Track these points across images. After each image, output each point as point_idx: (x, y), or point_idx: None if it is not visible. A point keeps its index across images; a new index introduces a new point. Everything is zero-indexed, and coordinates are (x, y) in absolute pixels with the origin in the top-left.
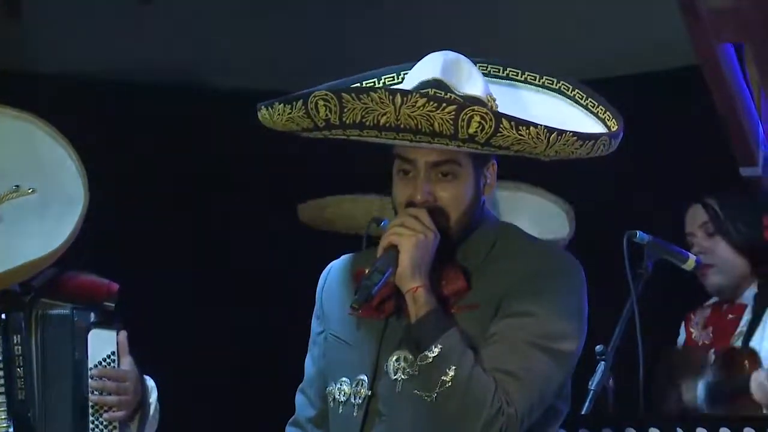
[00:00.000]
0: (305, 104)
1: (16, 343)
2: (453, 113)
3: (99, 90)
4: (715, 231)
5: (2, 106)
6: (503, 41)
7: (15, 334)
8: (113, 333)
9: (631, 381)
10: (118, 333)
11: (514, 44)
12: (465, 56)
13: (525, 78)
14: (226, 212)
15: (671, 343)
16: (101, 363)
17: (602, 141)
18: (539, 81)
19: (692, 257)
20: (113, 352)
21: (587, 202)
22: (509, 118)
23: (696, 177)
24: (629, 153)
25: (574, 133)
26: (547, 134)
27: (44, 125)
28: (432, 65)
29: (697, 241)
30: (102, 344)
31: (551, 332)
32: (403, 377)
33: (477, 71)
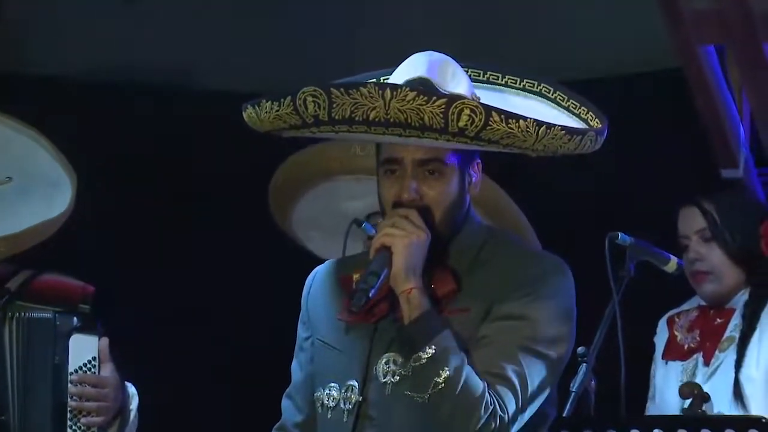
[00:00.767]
0: (293, 100)
1: None
2: (443, 106)
3: (96, 91)
4: (712, 238)
5: None
6: (487, 41)
7: None
8: (95, 338)
9: (613, 383)
10: (100, 339)
11: (495, 46)
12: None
13: (505, 82)
14: (225, 213)
15: (651, 345)
16: (81, 368)
17: (589, 137)
18: (520, 84)
19: (674, 259)
20: (94, 358)
21: (568, 203)
22: (499, 111)
23: (679, 179)
24: (612, 154)
25: (563, 127)
26: (536, 128)
27: (5, 119)
28: (417, 64)
29: (692, 246)
30: (83, 349)
31: (542, 336)
32: (393, 380)
33: (462, 71)
